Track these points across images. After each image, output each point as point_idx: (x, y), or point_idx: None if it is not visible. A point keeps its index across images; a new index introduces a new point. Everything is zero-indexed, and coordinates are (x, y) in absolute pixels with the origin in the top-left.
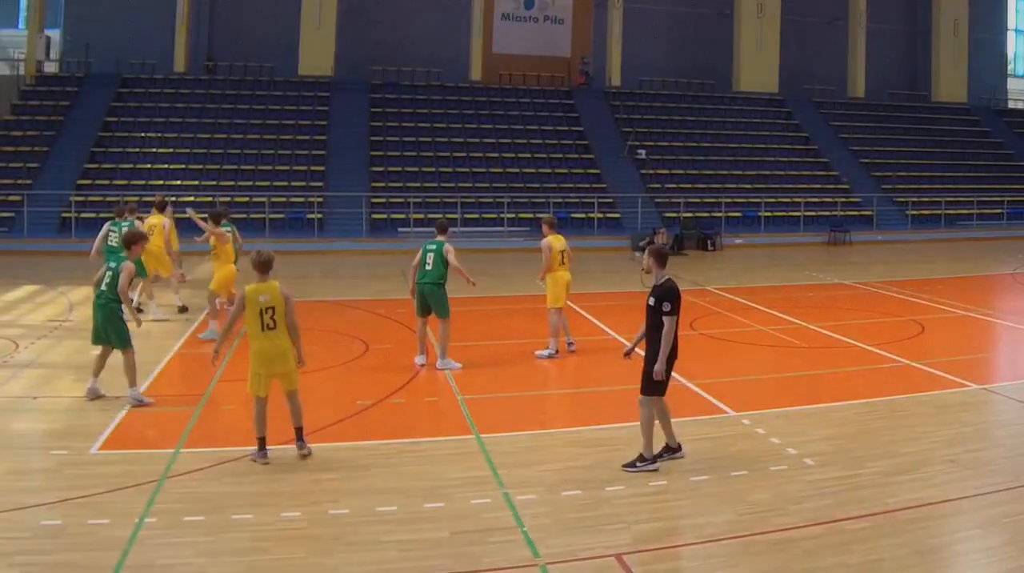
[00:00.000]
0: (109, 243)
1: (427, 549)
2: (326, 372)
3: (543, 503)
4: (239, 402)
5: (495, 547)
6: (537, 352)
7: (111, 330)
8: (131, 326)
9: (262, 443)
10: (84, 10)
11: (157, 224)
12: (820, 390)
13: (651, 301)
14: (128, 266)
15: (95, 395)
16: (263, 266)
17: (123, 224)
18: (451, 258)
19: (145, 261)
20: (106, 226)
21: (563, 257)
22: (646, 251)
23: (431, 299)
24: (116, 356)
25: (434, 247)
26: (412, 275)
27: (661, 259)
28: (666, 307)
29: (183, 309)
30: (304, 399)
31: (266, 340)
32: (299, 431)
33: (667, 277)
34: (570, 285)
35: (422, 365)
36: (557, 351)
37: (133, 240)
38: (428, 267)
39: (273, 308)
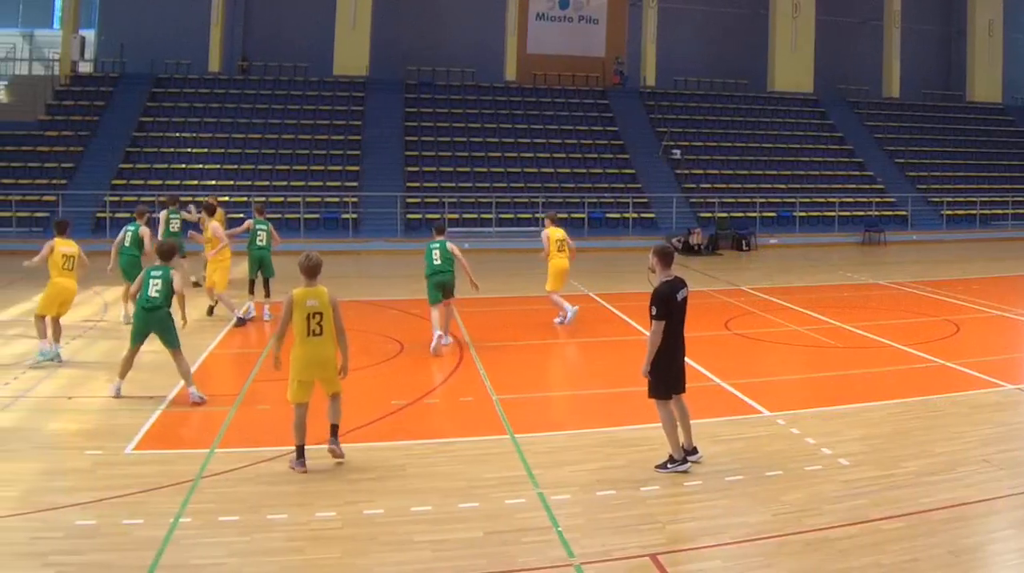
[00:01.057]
0: (125, 244)
1: (461, 549)
2: (361, 372)
3: (577, 503)
4: (274, 402)
5: (529, 547)
6: (555, 319)
7: (166, 335)
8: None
9: (301, 451)
10: (118, 10)
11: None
12: (855, 390)
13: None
14: (178, 271)
15: (118, 395)
16: (311, 270)
17: (133, 227)
18: (459, 252)
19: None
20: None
21: (560, 246)
22: (651, 250)
23: (451, 285)
24: (144, 357)
25: (438, 245)
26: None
27: (665, 259)
28: (652, 311)
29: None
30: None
31: (311, 346)
32: (334, 428)
33: (668, 278)
34: (566, 272)
35: (446, 342)
36: (566, 317)
37: (171, 253)
38: (437, 262)
39: (321, 314)
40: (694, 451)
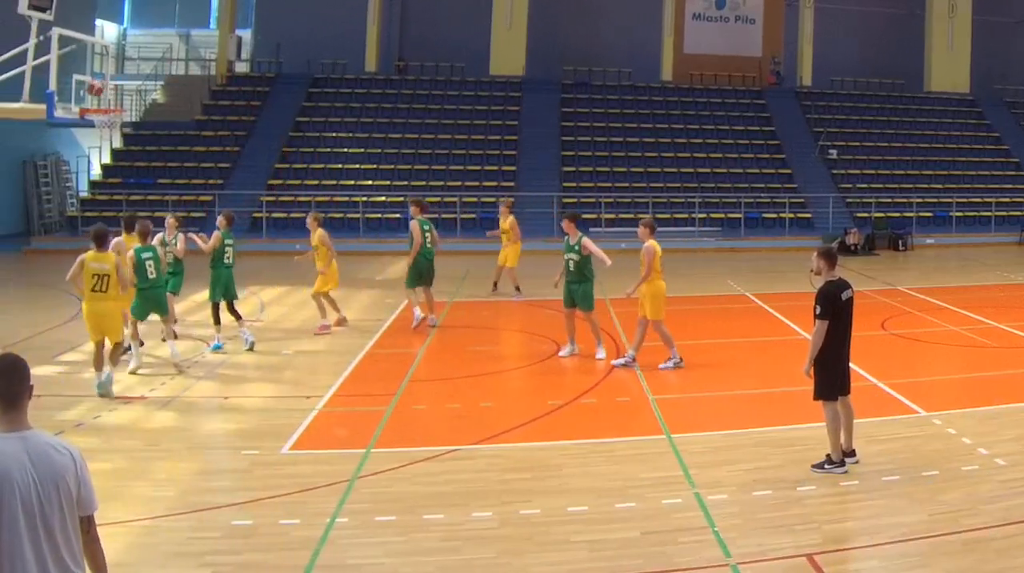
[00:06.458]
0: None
1: (618, 549)
2: (517, 372)
3: (734, 503)
4: (430, 401)
5: (686, 547)
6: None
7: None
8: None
9: None
10: (275, 10)
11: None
12: (1012, 390)
13: None
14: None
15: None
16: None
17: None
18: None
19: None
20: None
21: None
22: (815, 253)
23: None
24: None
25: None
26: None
27: (830, 260)
28: (816, 310)
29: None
30: (495, 398)
31: None
32: None
33: (833, 279)
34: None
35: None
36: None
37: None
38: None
39: None
40: (852, 453)
